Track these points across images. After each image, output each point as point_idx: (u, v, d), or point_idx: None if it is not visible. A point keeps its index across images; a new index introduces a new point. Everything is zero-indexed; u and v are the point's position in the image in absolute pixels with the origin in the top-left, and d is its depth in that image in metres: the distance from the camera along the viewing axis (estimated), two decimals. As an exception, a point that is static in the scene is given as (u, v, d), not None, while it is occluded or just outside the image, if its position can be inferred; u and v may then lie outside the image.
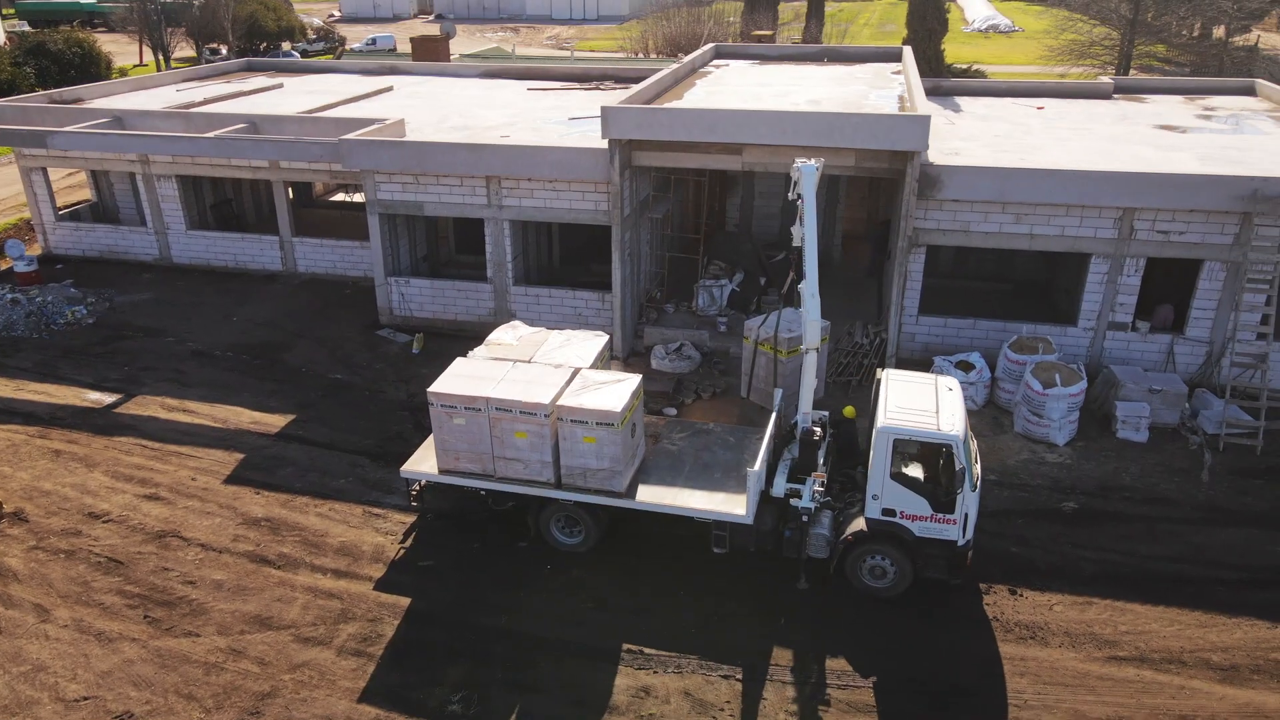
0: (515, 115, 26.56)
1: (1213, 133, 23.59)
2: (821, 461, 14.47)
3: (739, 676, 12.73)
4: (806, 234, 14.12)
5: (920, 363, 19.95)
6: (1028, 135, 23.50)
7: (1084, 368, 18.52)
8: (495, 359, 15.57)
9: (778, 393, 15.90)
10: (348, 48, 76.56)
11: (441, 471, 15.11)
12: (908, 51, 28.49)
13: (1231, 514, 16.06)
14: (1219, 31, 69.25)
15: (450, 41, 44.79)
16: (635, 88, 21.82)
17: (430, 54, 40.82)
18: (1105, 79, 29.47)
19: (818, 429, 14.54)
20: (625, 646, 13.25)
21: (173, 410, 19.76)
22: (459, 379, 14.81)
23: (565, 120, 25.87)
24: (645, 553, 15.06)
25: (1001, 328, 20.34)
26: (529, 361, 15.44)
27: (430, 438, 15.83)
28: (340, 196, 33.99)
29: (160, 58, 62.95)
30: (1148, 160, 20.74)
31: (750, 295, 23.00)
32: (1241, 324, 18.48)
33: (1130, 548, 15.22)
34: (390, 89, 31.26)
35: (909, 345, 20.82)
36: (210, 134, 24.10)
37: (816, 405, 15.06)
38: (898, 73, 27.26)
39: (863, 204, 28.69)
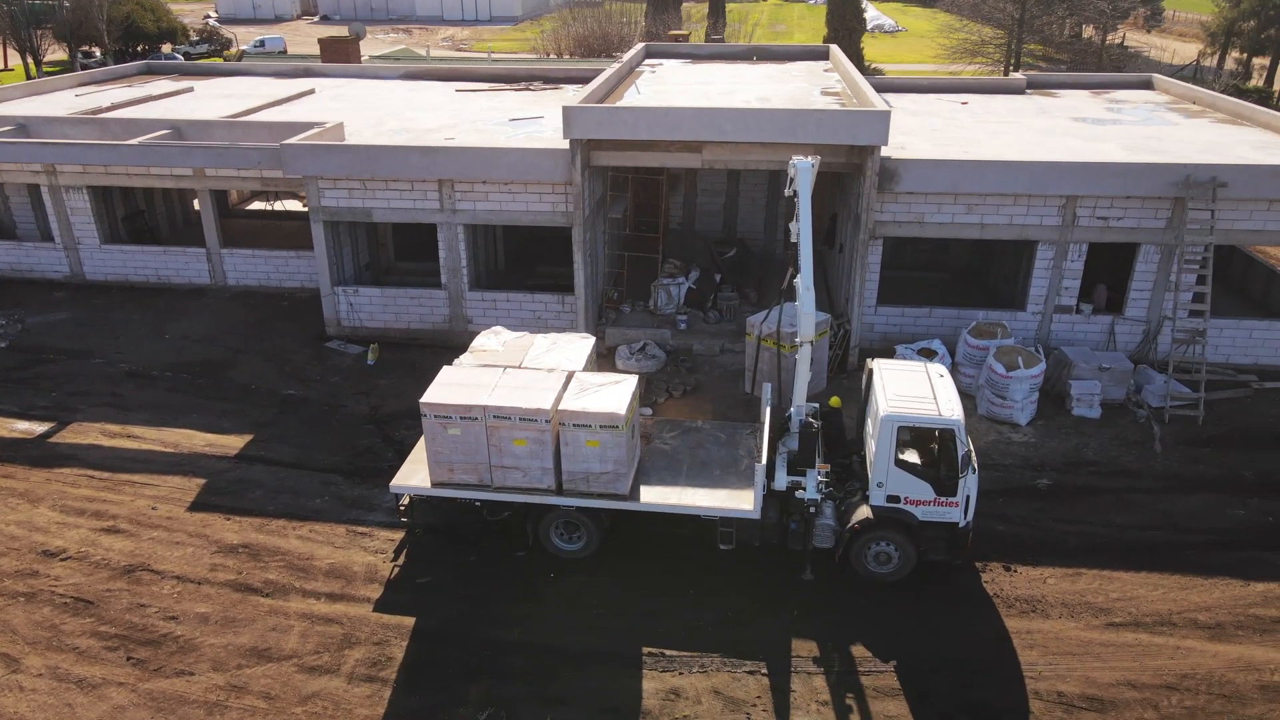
0: (453, 117, 25.96)
1: (1128, 124, 25.01)
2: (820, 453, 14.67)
3: (764, 671, 12.78)
4: (802, 229, 14.28)
5: (881, 351, 20.40)
6: (961, 129, 24.39)
7: (1041, 350, 19.34)
8: (484, 366, 15.17)
9: (766, 387, 16.02)
10: (235, 50, 73.25)
11: (434, 484, 14.63)
12: (836, 50, 29.23)
13: (1188, 481, 17.06)
14: (1089, 31, 73.57)
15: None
16: (587, 88, 21.64)
17: (341, 56, 39.41)
18: (1018, 75, 30.93)
19: (816, 421, 14.71)
20: (646, 650, 13.12)
21: (115, 436, 18.51)
22: (451, 388, 14.36)
23: (506, 121, 25.43)
24: (645, 555, 14.93)
25: (955, 315, 21.07)
26: (519, 367, 15.11)
27: (416, 449, 15.37)
28: (257, 205, 32.53)
29: (30, 61, 58.91)
30: (1077, 151, 21.83)
31: (707, 292, 23.12)
32: (1180, 303, 19.66)
33: (1105, 518, 15.99)
34: (312, 92, 30.08)
35: (868, 335, 21.33)
36: (134, 141, 22.68)
37: (809, 398, 15.24)
38: (829, 70, 27.88)
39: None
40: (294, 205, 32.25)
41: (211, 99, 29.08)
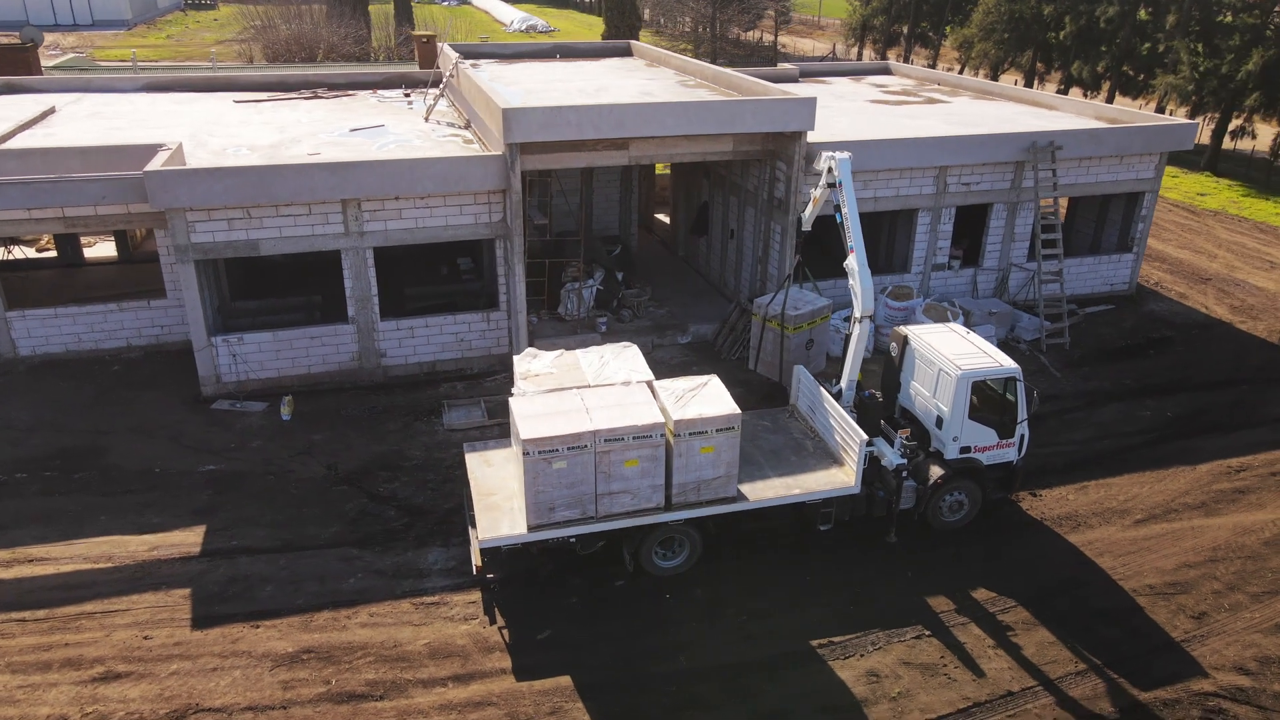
0: (279, 131, 22.63)
1: (916, 104, 28.52)
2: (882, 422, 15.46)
3: (929, 633, 13.29)
4: (850, 214, 14.89)
5: (803, 327, 21.59)
6: (796, 115, 26.20)
7: (958, 304, 21.71)
8: (552, 390, 13.87)
9: (798, 369, 16.39)
10: None
11: (532, 529, 13.19)
12: (641, 45, 29.90)
13: (1096, 395, 20.25)
14: (735, 30, 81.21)
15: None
16: (479, 91, 20.19)
17: (20, 67, 32.35)
18: (789, 66, 33.75)
19: (878, 394, 15.42)
20: (814, 643, 13.03)
21: (13, 565, 14.14)
22: (545, 419, 12.98)
23: (347, 132, 22.80)
24: (730, 555, 14.67)
25: (856, 284, 22.80)
26: (591, 386, 14.03)
27: (479, 497, 13.84)
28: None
29: None
30: (912, 128, 24.55)
31: (613, 292, 22.74)
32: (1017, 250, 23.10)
33: (1066, 438, 18.52)
34: (54, 110, 24.51)
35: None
36: (-94, 182, 17.09)
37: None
38: (651, 64, 28.45)
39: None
40: (28, 252, 26.27)
41: (-85, 126, 22.61)
